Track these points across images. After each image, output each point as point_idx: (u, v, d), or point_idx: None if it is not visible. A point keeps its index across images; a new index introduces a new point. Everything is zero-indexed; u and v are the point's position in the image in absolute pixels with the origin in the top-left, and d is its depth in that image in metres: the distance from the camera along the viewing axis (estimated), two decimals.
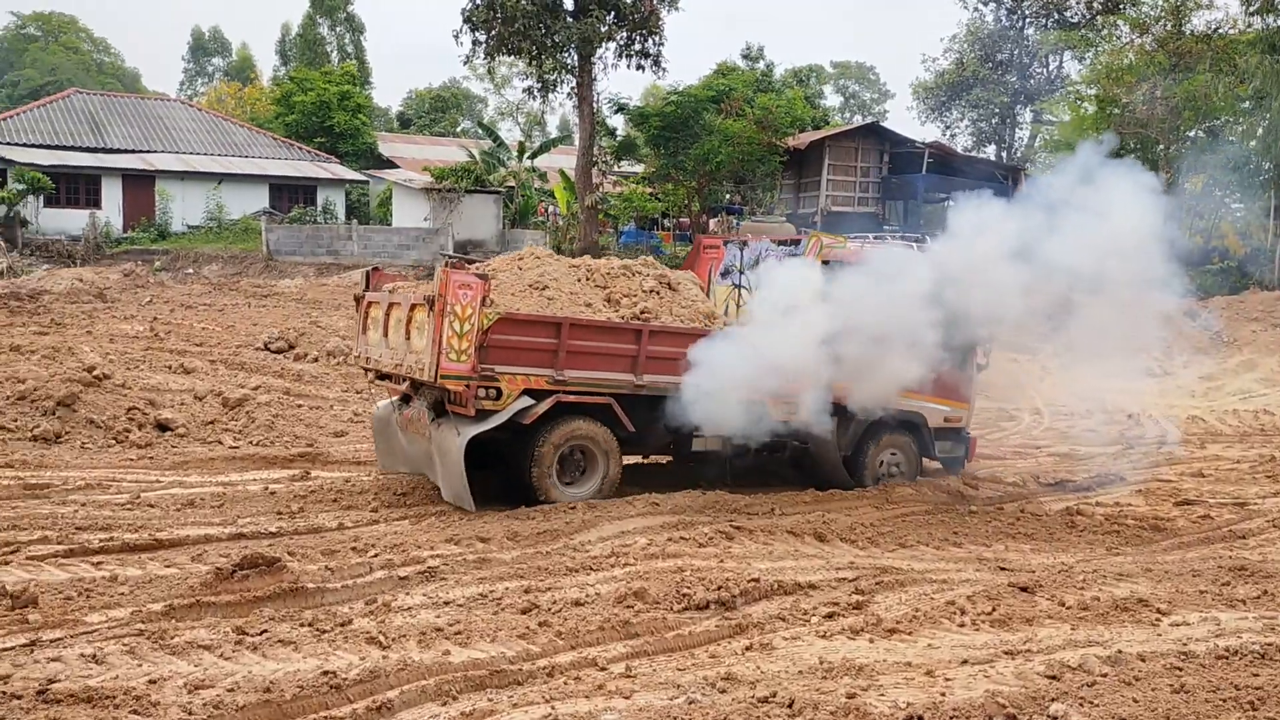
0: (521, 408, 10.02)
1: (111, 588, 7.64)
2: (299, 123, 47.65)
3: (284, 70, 64.85)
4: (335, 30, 64.93)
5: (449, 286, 9.50)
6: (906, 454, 12.18)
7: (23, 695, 5.87)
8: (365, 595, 7.82)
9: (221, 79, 72.87)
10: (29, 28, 67.22)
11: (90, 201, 36.77)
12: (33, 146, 37.31)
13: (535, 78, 34.70)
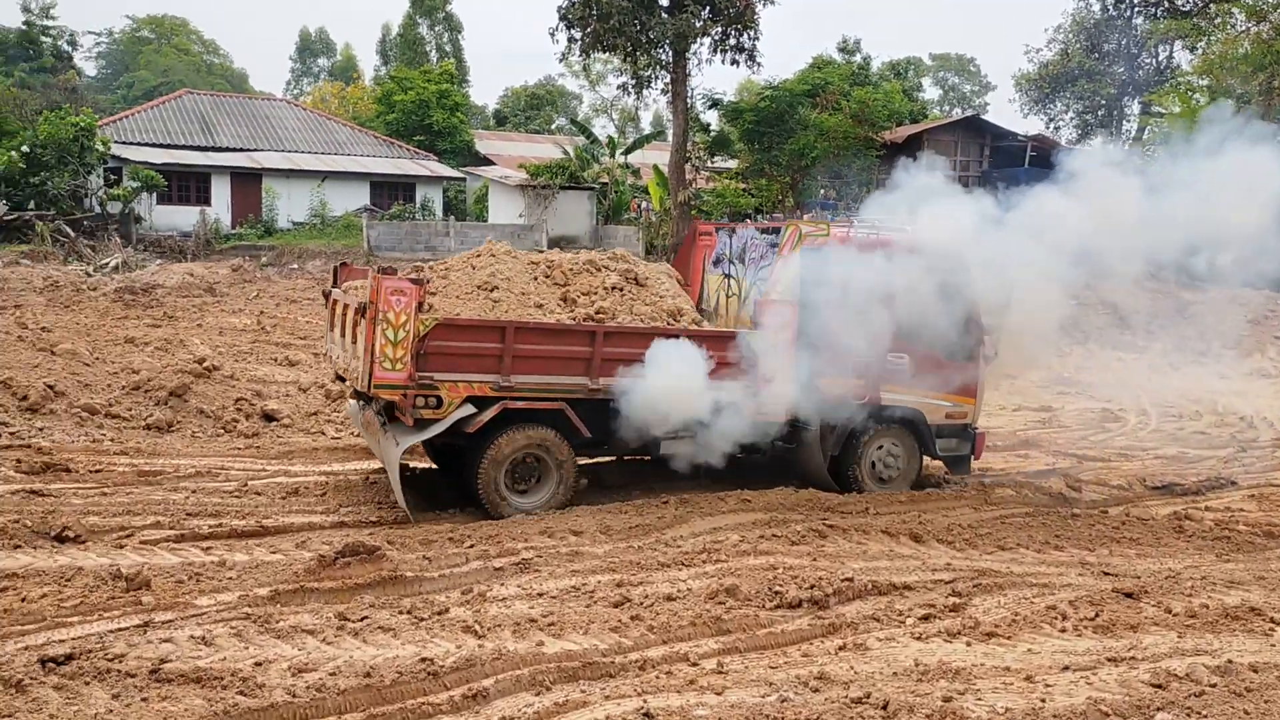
0: (464, 416, 9.57)
1: (220, 572, 7.91)
2: (399, 121, 48.61)
3: (384, 70, 66.24)
4: (434, 30, 66.06)
5: (380, 293, 9.15)
6: (902, 453, 11.46)
7: (136, 674, 6.12)
8: (461, 585, 7.96)
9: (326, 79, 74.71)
10: (143, 31, 69.83)
11: (200, 199, 38.07)
12: (147, 145, 38.76)
13: (630, 74, 34.80)
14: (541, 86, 69.28)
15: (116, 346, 15.43)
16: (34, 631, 6.77)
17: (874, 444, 11.29)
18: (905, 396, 11.18)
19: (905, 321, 10.77)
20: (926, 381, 11.11)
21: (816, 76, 38.25)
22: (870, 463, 11.32)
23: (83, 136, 33.50)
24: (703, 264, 12.32)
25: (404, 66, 56.40)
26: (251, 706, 5.85)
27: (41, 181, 32.43)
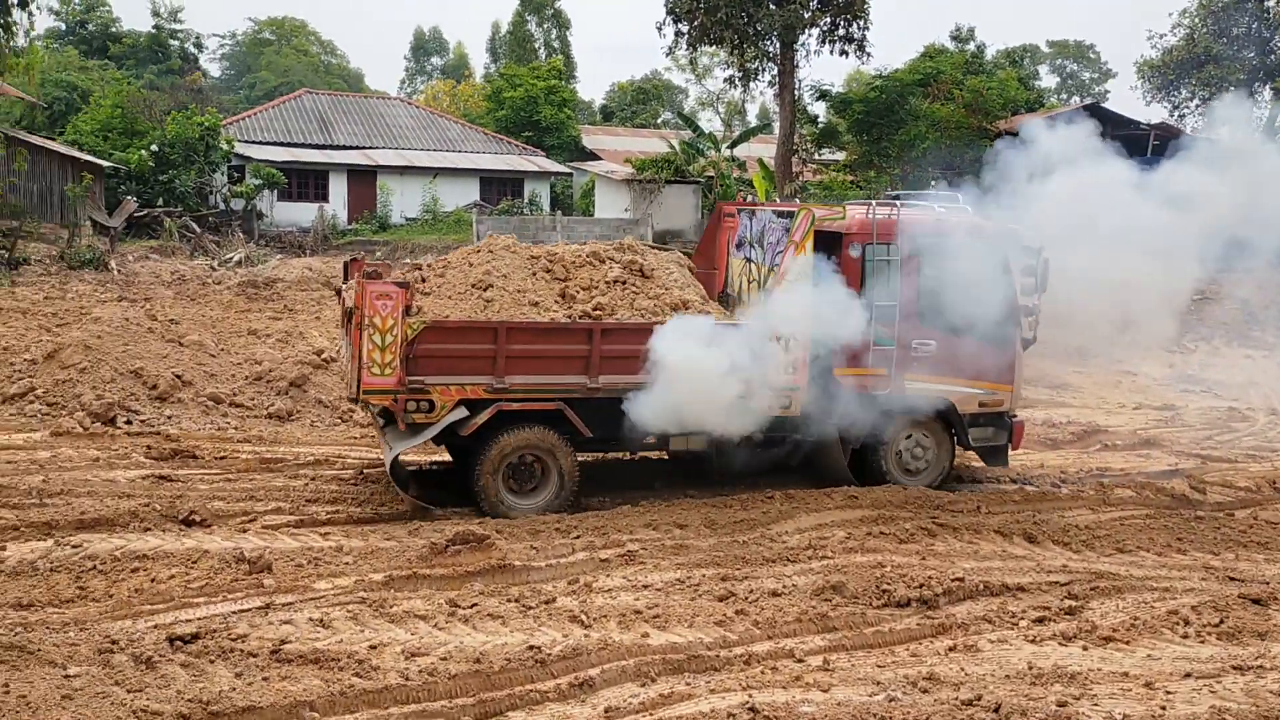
0: (457, 420, 9.35)
1: (337, 557, 8.17)
2: (508, 118, 49.28)
3: (494, 67, 67.25)
4: (543, 27, 66.77)
5: (366, 298, 9.00)
6: (933, 444, 10.90)
7: (258, 654, 6.37)
8: (568, 575, 8.06)
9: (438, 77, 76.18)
10: (264, 32, 72.22)
11: (319, 195, 39.24)
12: (268, 144, 40.10)
13: (736, 67, 34.66)
14: (648, 81, 69.42)
15: (240, 338, 16.01)
16: (163, 611, 7.10)
17: (902, 435, 10.77)
18: (933, 384, 10.59)
19: (930, 304, 10.36)
20: (956, 367, 10.54)
21: (928, 66, 37.43)
22: (897, 453, 10.83)
23: (208, 136, 34.84)
24: (727, 247, 11.78)
25: (513, 64, 57.16)
26: (366, 688, 6.03)
27: (170, 179, 33.83)
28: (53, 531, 8.43)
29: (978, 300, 10.22)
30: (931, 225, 10.50)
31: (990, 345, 10.52)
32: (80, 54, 51.13)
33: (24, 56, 27.88)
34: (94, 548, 7.93)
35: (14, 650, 6.01)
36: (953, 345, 10.46)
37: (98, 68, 48.61)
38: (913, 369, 10.48)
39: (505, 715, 5.98)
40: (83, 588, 7.40)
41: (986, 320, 10.39)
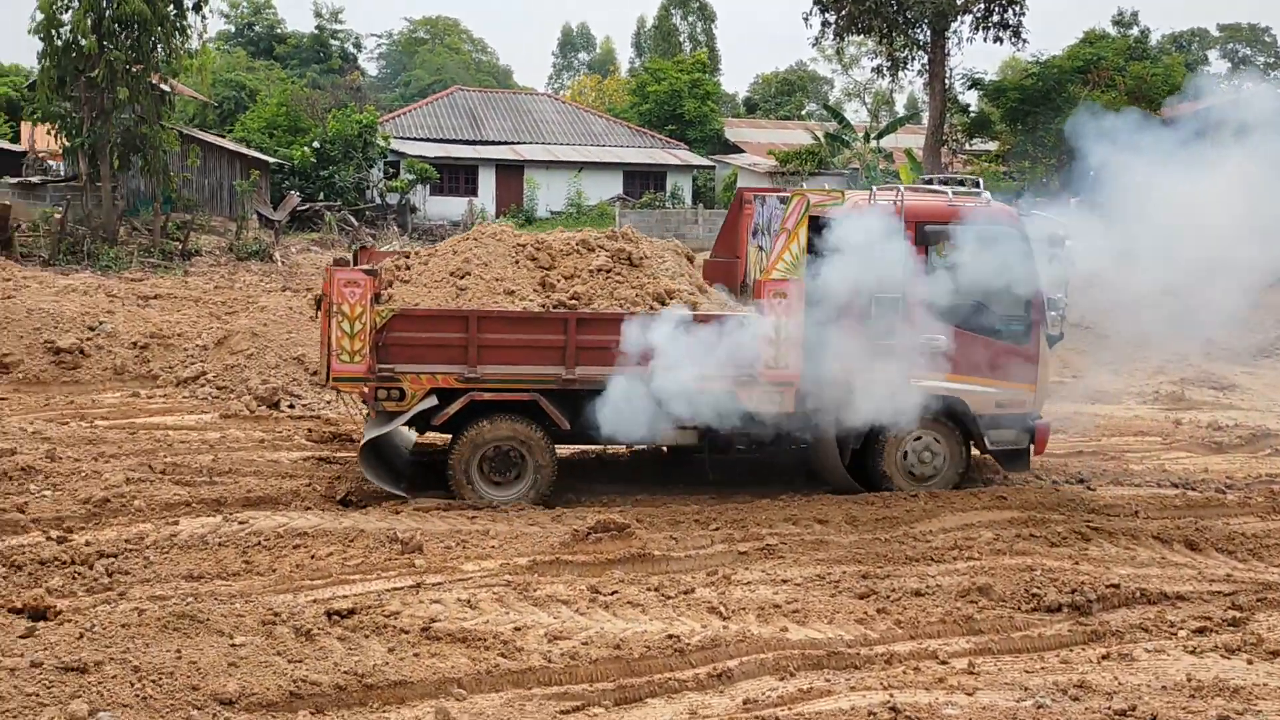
0: (428, 408, 9.27)
1: (484, 541, 8.40)
2: (652, 111, 49.59)
3: (639, 62, 67.71)
4: (688, 20, 66.87)
5: (334, 285, 9.02)
6: (944, 445, 10.11)
7: (409, 631, 6.61)
8: (707, 566, 8.10)
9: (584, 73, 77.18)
10: (419, 32, 74.47)
11: (468, 190, 40.36)
12: (421, 140, 41.43)
13: (885, 56, 33.99)
14: (792, 72, 68.73)
15: None
16: (321, 586, 7.45)
17: (908, 435, 10.05)
18: (944, 382, 9.83)
19: (941, 297, 9.71)
20: (970, 365, 9.84)
21: (1088, 52, 35.90)
22: (902, 455, 10.10)
23: (365, 133, 36.20)
24: (747, 236, 11.25)
25: (658, 58, 57.45)
26: (511, 668, 6.20)
27: (330, 175, 35.31)
28: (221, 508, 8.93)
29: (995, 293, 9.71)
30: (941, 212, 9.88)
31: (1010, 341, 9.94)
32: (248, 55, 53.81)
33: (198, 58, 29.52)
34: (259, 524, 8.36)
35: (185, 618, 6.39)
36: (966, 341, 9.80)
37: (264, 68, 51.06)
38: (921, 365, 9.77)
39: (645, 702, 6.06)
40: (248, 562, 7.83)
41: (1005, 314, 9.87)
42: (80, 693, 5.27)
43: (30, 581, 7.33)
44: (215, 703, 5.45)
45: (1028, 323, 9.98)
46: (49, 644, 5.80)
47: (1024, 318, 9.96)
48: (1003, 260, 9.58)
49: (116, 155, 26.25)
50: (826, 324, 9.50)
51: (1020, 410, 10.11)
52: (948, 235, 9.70)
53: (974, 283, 9.58)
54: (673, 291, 9.84)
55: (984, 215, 9.83)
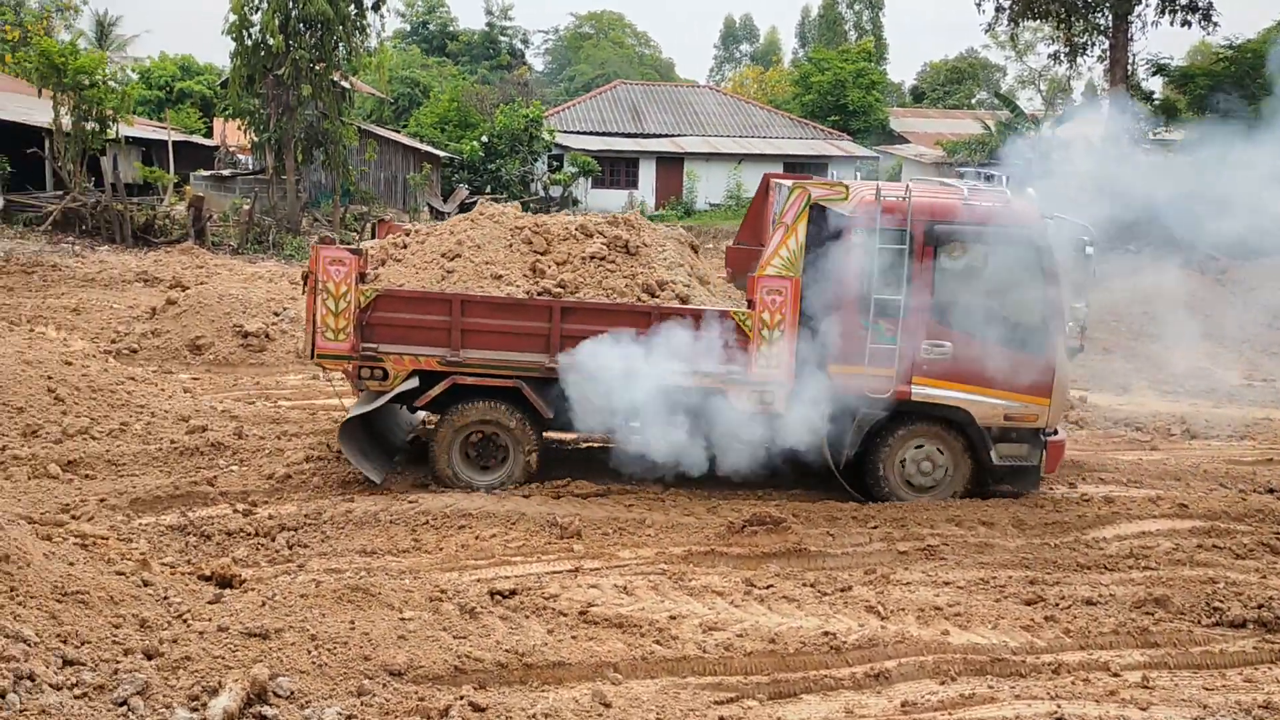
0: (409, 389, 9.22)
1: (640, 529, 8.49)
2: (814, 102, 49.00)
3: (802, 52, 66.95)
4: (854, 9, 65.72)
5: (319, 263, 9.04)
6: (946, 455, 9.50)
7: (568, 613, 6.75)
8: (865, 565, 7.97)
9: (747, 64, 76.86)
10: (584, 27, 75.64)
11: (629, 182, 40.78)
12: (584, 134, 42.09)
13: (1062, 41, 32.61)
14: (962, 59, 66.67)
15: None
16: (485, 566, 7.68)
17: (906, 445, 9.48)
18: (945, 391, 9.25)
19: (947, 300, 9.14)
20: (977, 374, 9.16)
21: None
22: (901, 465, 9.52)
23: (531, 127, 37.03)
24: (770, 220, 10.70)
25: (822, 47, 56.68)
26: (666, 656, 6.26)
27: (497, 168, 36.30)
28: (391, 488, 9.30)
29: (1007, 299, 9.11)
30: (952, 211, 9.26)
31: (1022, 351, 9.18)
32: (422, 52, 55.73)
33: (376, 56, 30.76)
34: (427, 504, 8.66)
35: (359, 591, 6.68)
36: (974, 348, 9.14)
37: (437, 65, 52.80)
38: (923, 371, 9.23)
39: (799, 698, 6.03)
40: (417, 540, 8.14)
41: (1018, 322, 9.19)
42: (262, 657, 5.57)
43: (218, 551, 7.82)
44: (385, 673, 5.69)
45: (1044, 332, 9.25)
46: (234, 610, 6.17)
47: (1040, 327, 9.26)
48: (1018, 264, 9.07)
49: (300, 149, 27.67)
50: (821, 324, 9.18)
51: (1032, 424, 9.40)
52: (958, 235, 9.21)
53: (984, 287, 9.14)
54: (665, 282, 9.56)
55: (1000, 215, 9.21)
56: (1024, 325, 9.19)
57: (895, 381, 9.15)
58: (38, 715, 4.64)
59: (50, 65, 25.26)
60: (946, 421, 9.40)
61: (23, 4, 48.96)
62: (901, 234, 9.05)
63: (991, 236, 9.12)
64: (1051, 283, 9.15)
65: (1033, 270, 9.08)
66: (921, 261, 9.09)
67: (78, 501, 8.57)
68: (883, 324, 9.08)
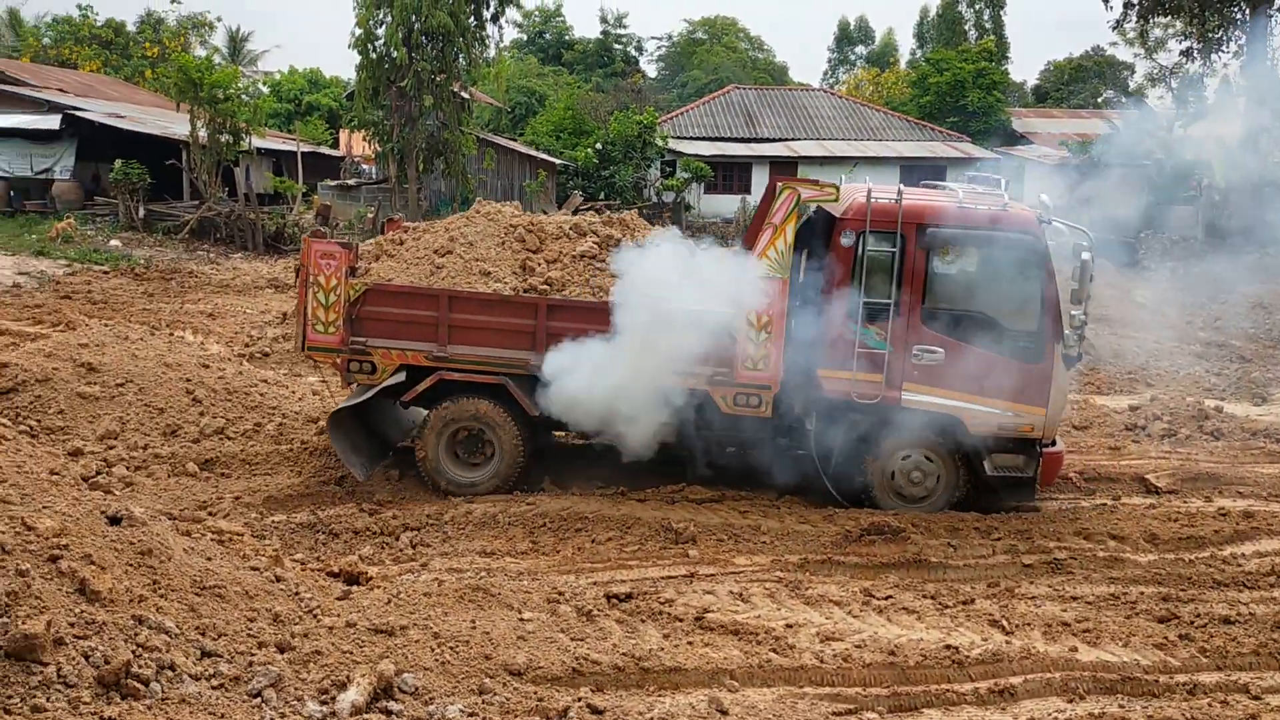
0: (395, 383, 9.24)
1: (755, 536, 8.45)
2: (932, 104, 48.07)
3: (920, 53, 65.77)
4: (974, 7, 64.24)
5: (310, 256, 9.12)
6: (937, 464, 9.17)
7: (684, 619, 6.76)
8: (987, 577, 7.78)
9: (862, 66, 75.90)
10: (698, 32, 75.70)
11: (742, 187, 40.62)
12: (697, 140, 42.11)
13: (1195, 38, 31.32)
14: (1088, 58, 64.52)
15: None
16: (601, 570, 7.74)
17: (894, 451, 9.16)
18: (936, 398, 8.94)
19: (939, 305, 8.90)
20: (969, 382, 8.84)
21: None
22: (889, 473, 9.20)
23: (645, 133, 37.19)
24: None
25: (941, 48, 55.59)
26: (783, 665, 6.21)
27: (610, 175, 36.56)
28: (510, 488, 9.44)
29: (1002, 305, 8.80)
30: (946, 213, 8.94)
31: (1017, 359, 8.91)
32: (539, 61, 56.56)
33: (494, 66, 31.36)
34: (544, 507, 8.77)
35: (480, 591, 6.82)
36: (966, 355, 8.86)
37: (552, 73, 53.52)
38: (913, 378, 8.96)
39: (920, 712, 5.91)
40: (534, 542, 8.25)
41: (1013, 329, 8.91)
42: (388, 654, 5.73)
43: (345, 549, 8.07)
44: (505, 672, 5.79)
45: (1040, 340, 8.95)
46: (361, 607, 6.36)
47: (1036, 334, 8.96)
48: (1013, 269, 8.77)
49: (421, 159, 28.40)
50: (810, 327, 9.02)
51: (1028, 435, 9.07)
52: (951, 239, 8.92)
53: (977, 293, 8.86)
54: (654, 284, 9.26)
55: (995, 219, 8.90)
56: (1019, 332, 8.98)
57: (884, 387, 8.96)
58: (178, 704, 4.85)
59: (187, 80, 26.48)
60: (938, 430, 9.15)
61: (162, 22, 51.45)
62: (893, 236, 8.88)
63: (986, 241, 8.90)
64: (1048, 289, 8.91)
65: (1028, 276, 8.88)
66: (913, 265, 8.90)
67: (214, 499, 8.96)
68: (872, 328, 8.94)
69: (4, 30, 51.68)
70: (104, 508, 6.08)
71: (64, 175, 29.91)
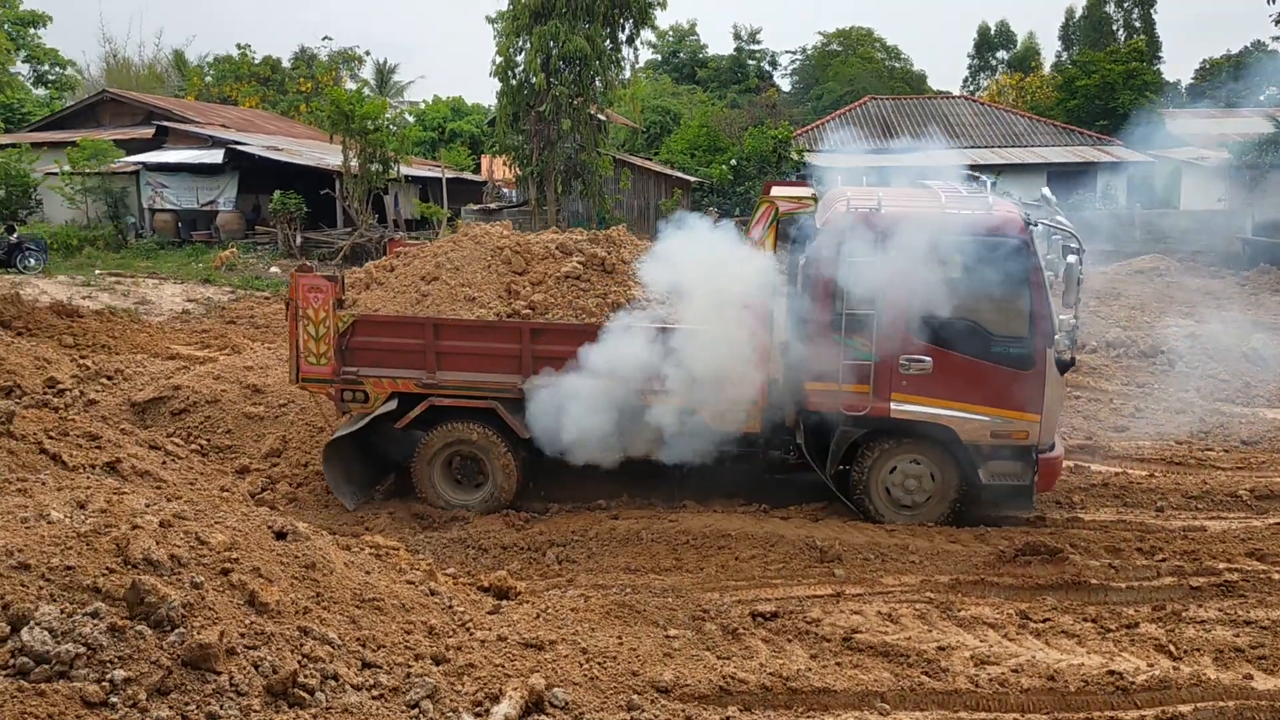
0: (388, 411, 9.32)
1: (903, 555, 8.27)
2: (1080, 107, 46.43)
3: (1065, 56, 63.65)
4: (1123, 7, 61.88)
5: (298, 290, 9.23)
6: (931, 475, 9.04)
7: (831, 639, 6.66)
8: (1152, 600, 7.44)
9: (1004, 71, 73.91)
10: (833, 45, 74.97)
11: None
12: (833, 152, 41.68)
13: None
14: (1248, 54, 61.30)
15: None
16: (745, 588, 7.70)
17: (885, 463, 9.05)
18: (925, 407, 8.77)
19: (925, 313, 8.64)
20: (958, 389, 8.72)
21: None
22: (883, 487, 9.11)
23: (780, 148, 37.05)
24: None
25: (1088, 49, 53.68)
26: (936, 688, 6.05)
27: (745, 190, 36.52)
28: (653, 504, 9.50)
29: (990, 311, 8.43)
30: (927, 220, 8.67)
31: (1008, 365, 8.73)
32: (673, 80, 57.01)
33: (630, 88, 31.75)
34: (687, 524, 8.79)
35: (625, 608, 6.88)
36: (955, 363, 8.72)
37: (686, 92, 53.84)
38: (901, 388, 8.77)
39: None
40: (678, 559, 8.27)
41: (1004, 336, 8.70)
42: (538, 668, 5.83)
43: (494, 564, 8.25)
44: (653, 689, 5.81)
45: (1031, 346, 8.70)
46: (511, 621, 6.49)
47: (1026, 340, 8.71)
48: (999, 274, 8.38)
49: (560, 181, 28.92)
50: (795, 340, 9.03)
51: (1021, 441, 8.84)
52: (934, 246, 8.52)
53: (964, 299, 8.51)
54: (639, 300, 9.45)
55: (980, 223, 8.56)
56: (1008, 338, 8.77)
57: (872, 398, 8.81)
58: (341, 713, 5.04)
59: (340, 113, 27.66)
60: (929, 439, 9.02)
61: (315, 58, 53.92)
62: (874, 246, 8.66)
63: (970, 246, 8.56)
64: (1037, 293, 8.65)
65: (1015, 281, 8.59)
66: (895, 273, 8.63)
67: (370, 514, 9.29)
68: (857, 339, 8.76)
69: (170, 71, 55.07)
70: (270, 523, 6.38)
71: (227, 207, 31.62)
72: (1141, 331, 16.91)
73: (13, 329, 15.93)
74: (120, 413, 11.21)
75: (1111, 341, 17.30)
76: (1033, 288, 8.63)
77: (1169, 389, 14.06)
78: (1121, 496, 10.03)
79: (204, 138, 33.68)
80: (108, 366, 13.53)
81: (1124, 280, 23.83)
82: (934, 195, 9.31)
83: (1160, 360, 15.41)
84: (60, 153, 30.99)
